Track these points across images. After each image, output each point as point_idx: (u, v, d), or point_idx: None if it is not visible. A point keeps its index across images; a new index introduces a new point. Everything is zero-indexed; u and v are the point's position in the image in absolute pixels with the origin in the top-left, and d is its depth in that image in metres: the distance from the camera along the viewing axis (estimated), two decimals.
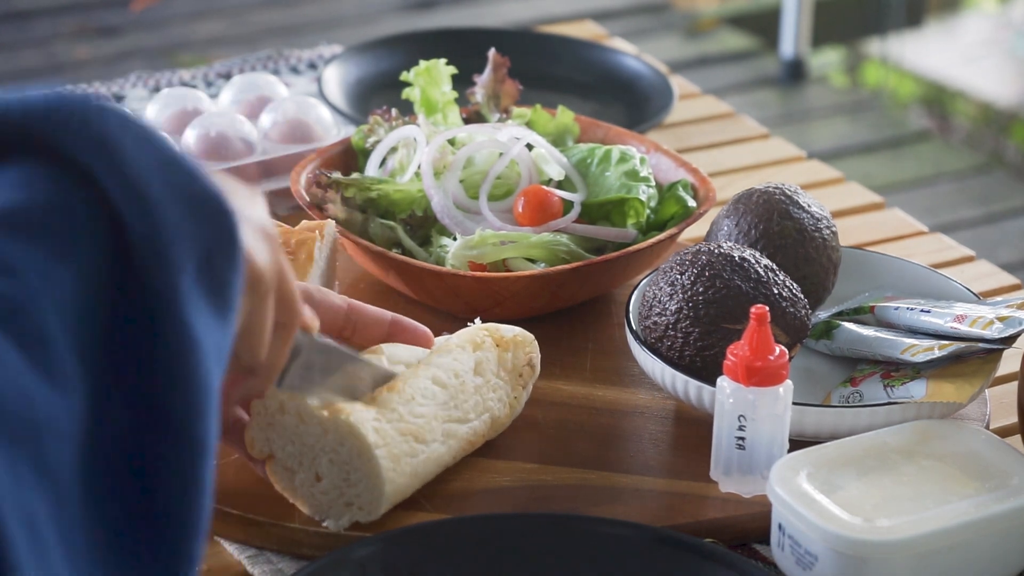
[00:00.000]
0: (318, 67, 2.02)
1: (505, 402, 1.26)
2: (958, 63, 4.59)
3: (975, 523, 1.12)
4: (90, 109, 0.81)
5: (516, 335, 1.27)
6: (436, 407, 1.19)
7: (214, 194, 0.84)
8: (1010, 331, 1.26)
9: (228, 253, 0.85)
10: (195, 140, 1.62)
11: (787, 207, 1.37)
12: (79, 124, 0.81)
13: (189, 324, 0.81)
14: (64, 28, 4.44)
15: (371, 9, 4.67)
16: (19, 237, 0.78)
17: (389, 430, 1.14)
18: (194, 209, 0.83)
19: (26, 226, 0.78)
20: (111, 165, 0.80)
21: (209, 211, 0.84)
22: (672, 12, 4.77)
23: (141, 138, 0.82)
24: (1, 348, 0.74)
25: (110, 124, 0.82)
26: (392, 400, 1.16)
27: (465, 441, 1.22)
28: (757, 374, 1.16)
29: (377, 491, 1.14)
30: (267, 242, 0.93)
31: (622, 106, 1.91)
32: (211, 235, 0.84)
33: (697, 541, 1.13)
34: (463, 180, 1.50)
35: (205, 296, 0.83)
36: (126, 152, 0.81)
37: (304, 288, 1.18)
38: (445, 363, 1.20)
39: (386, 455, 1.14)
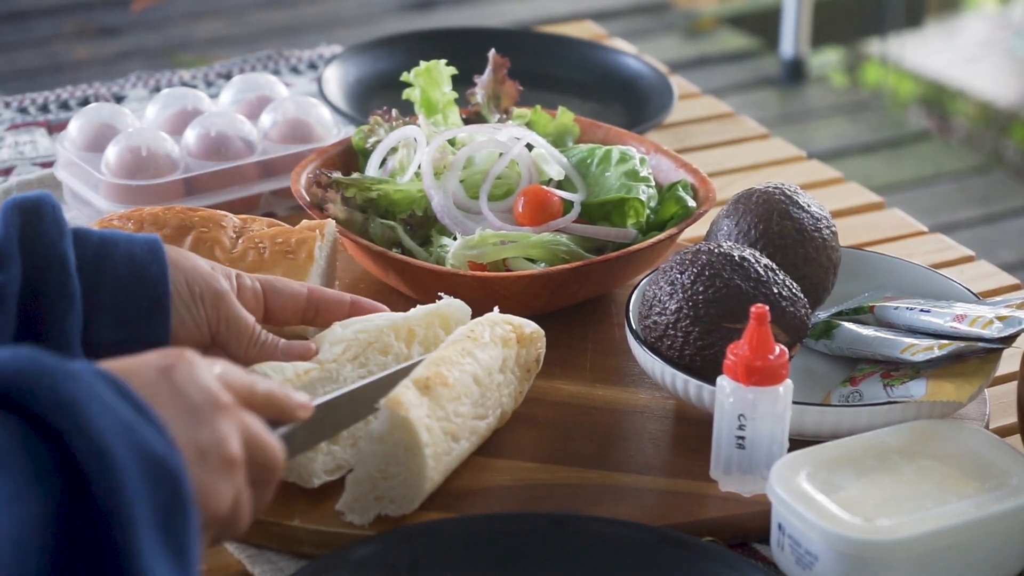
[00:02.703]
0: (318, 67, 2.02)
1: (513, 396, 1.28)
2: (958, 63, 4.59)
3: (975, 523, 1.12)
4: (58, 374, 0.88)
5: (533, 331, 1.28)
6: (471, 406, 1.21)
7: (170, 459, 0.90)
8: (1010, 331, 1.26)
9: (183, 516, 0.90)
10: (195, 140, 1.62)
11: (787, 207, 1.37)
12: (48, 388, 0.87)
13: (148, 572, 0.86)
14: (64, 28, 4.44)
15: (371, 9, 4.67)
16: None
17: (436, 428, 1.16)
18: (152, 472, 0.89)
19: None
20: (77, 427, 0.87)
21: (165, 475, 0.89)
22: (672, 12, 4.77)
23: (105, 403, 0.89)
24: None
25: (78, 389, 0.88)
26: (443, 396, 1.17)
27: (481, 436, 1.24)
28: (757, 373, 1.16)
29: (417, 488, 1.16)
30: (226, 472, 0.96)
31: (622, 106, 1.91)
32: (167, 497, 0.89)
33: (697, 541, 1.13)
34: (463, 180, 1.50)
35: (164, 552, 0.88)
36: (92, 416, 0.87)
37: (264, 279, 1.26)
38: (483, 358, 1.22)
39: (432, 454, 1.16)
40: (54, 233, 1.16)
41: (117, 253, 1.18)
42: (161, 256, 1.19)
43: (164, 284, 1.18)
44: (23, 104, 1.91)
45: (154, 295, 1.18)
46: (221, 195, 1.60)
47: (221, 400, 0.97)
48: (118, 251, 1.19)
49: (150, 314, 1.18)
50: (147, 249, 1.19)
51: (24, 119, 1.87)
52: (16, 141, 1.81)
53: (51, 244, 1.15)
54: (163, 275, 1.18)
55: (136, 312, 1.18)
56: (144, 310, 1.18)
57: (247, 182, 1.62)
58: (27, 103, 1.91)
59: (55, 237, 1.16)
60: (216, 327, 1.21)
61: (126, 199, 1.56)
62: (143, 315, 1.18)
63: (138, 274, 1.18)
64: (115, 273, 1.18)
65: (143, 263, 1.19)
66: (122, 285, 1.17)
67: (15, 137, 1.82)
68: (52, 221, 1.16)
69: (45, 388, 0.87)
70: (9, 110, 1.90)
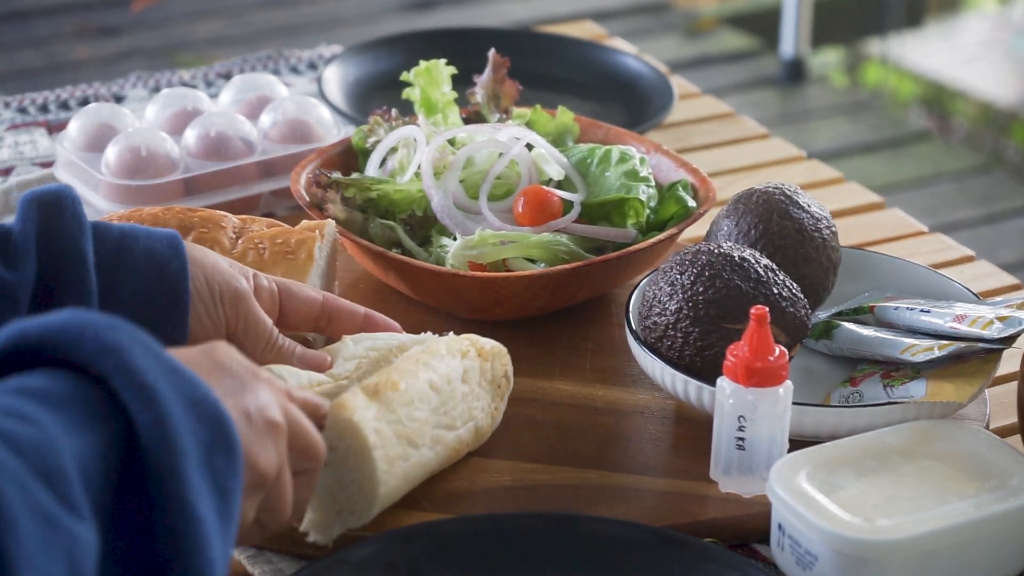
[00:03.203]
0: (318, 67, 2.02)
1: (487, 412, 1.25)
2: (958, 63, 4.59)
3: (975, 523, 1.12)
4: (101, 324, 0.90)
5: (493, 347, 1.26)
6: (429, 412, 1.18)
7: (213, 401, 0.92)
8: (1010, 331, 1.26)
9: (228, 458, 0.91)
10: (195, 140, 1.62)
11: (787, 207, 1.37)
12: (91, 337, 0.89)
13: (192, 503, 0.87)
14: (64, 28, 4.44)
15: (371, 9, 4.67)
16: (40, 404, 0.86)
17: (387, 432, 1.14)
18: (197, 411, 0.90)
19: (45, 399, 0.86)
20: (120, 367, 0.88)
21: (210, 416, 0.91)
22: (672, 12, 4.77)
23: (149, 349, 0.91)
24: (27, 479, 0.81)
25: (120, 335, 0.90)
26: (393, 400, 1.15)
27: (451, 449, 1.21)
28: (757, 375, 1.16)
29: (371, 493, 1.14)
30: (269, 435, 0.98)
31: (622, 106, 1.91)
32: (211, 438, 0.90)
33: (697, 541, 1.13)
34: (463, 180, 1.50)
35: (208, 490, 0.89)
36: (135, 357, 0.89)
37: (281, 282, 1.25)
38: (440, 368, 1.20)
39: (383, 457, 1.13)
40: (73, 229, 1.14)
41: (137, 249, 1.17)
42: (181, 252, 1.17)
43: (184, 282, 1.16)
44: (23, 104, 1.91)
45: (173, 293, 1.16)
46: (221, 195, 1.60)
47: (261, 373, 1.00)
48: (138, 247, 1.17)
49: (168, 311, 1.16)
50: (167, 245, 1.18)
51: (24, 119, 1.87)
52: (16, 141, 1.81)
53: (70, 240, 1.14)
54: (183, 272, 1.17)
55: (154, 310, 1.16)
56: (162, 308, 1.16)
57: (247, 182, 1.62)
58: (27, 103, 1.91)
59: (74, 233, 1.14)
60: (234, 327, 1.20)
61: (126, 199, 1.56)
62: (161, 312, 1.16)
63: (157, 270, 1.16)
64: (134, 269, 1.16)
65: (163, 259, 1.17)
66: (141, 282, 1.16)
67: (15, 137, 1.82)
68: (72, 216, 1.14)
69: (88, 338, 0.89)
70: (9, 110, 1.90)
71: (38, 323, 0.90)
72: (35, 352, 0.89)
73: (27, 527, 0.79)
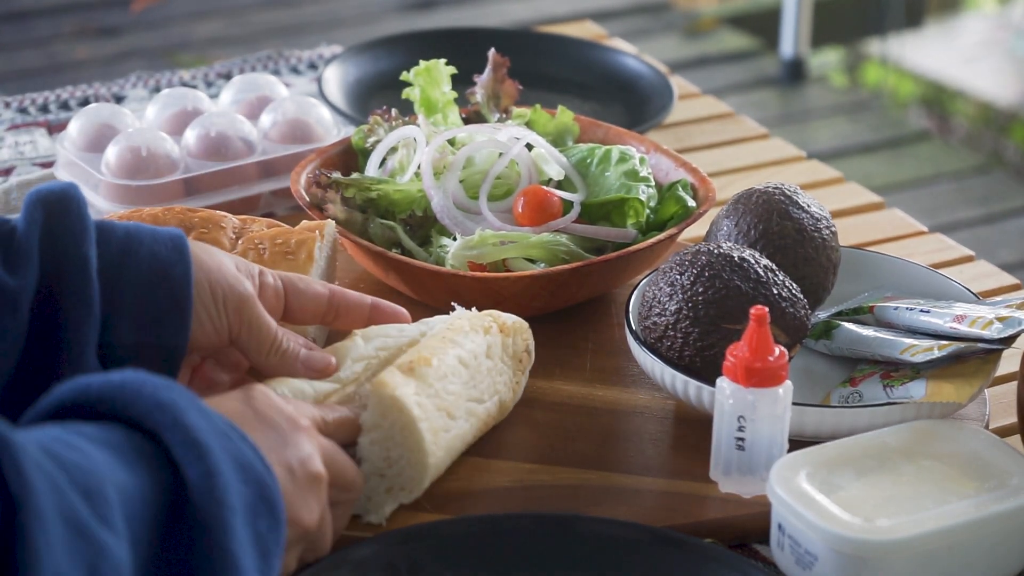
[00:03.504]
0: (318, 67, 2.02)
1: (509, 386, 1.28)
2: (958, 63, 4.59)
3: (975, 523, 1.12)
4: (160, 384, 0.94)
5: (515, 322, 1.29)
6: (461, 386, 1.21)
7: (260, 469, 0.95)
8: (1009, 331, 1.26)
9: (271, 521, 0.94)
10: (195, 140, 1.62)
11: (787, 207, 1.37)
12: (149, 394, 0.93)
13: (237, 556, 0.90)
14: (64, 28, 4.44)
15: (371, 9, 4.67)
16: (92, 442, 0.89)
17: (428, 404, 1.17)
18: (244, 475, 0.94)
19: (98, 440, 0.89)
20: (174, 423, 0.92)
21: (255, 480, 0.94)
22: (672, 12, 4.77)
23: (203, 411, 0.94)
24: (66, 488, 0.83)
25: (176, 395, 0.94)
26: (428, 375, 1.18)
27: (481, 421, 1.24)
28: (757, 375, 1.16)
29: (421, 465, 1.16)
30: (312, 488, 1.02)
31: (622, 106, 1.91)
32: (256, 501, 0.93)
33: (697, 541, 1.13)
34: (463, 180, 1.50)
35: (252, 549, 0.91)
36: (189, 415, 0.92)
37: (287, 278, 1.24)
38: (466, 344, 1.23)
39: (428, 428, 1.16)
40: (77, 232, 1.12)
41: (141, 252, 1.15)
42: (185, 256, 1.16)
43: (187, 287, 1.15)
44: (23, 104, 1.91)
45: (176, 298, 1.15)
46: (221, 195, 1.60)
47: (301, 423, 1.02)
48: (142, 250, 1.15)
49: (170, 316, 1.15)
50: (172, 247, 1.16)
51: (24, 119, 1.87)
52: (16, 141, 1.81)
53: (73, 245, 1.12)
54: (187, 277, 1.15)
55: (156, 314, 1.14)
56: (164, 312, 1.15)
57: (247, 182, 1.62)
58: (27, 103, 1.91)
59: (78, 237, 1.12)
60: (237, 332, 1.18)
61: (126, 199, 1.56)
62: (163, 317, 1.15)
63: (161, 274, 1.15)
64: (137, 272, 1.14)
65: (167, 263, 1.15)
66: (144, 287, 1.14)
67: (15, 137, 1.82)
68: (77, 218, 1.13)
69: (147, 395, 0.92)
70: (9, 110, 1.90)
71: (99, 379, 0.93)
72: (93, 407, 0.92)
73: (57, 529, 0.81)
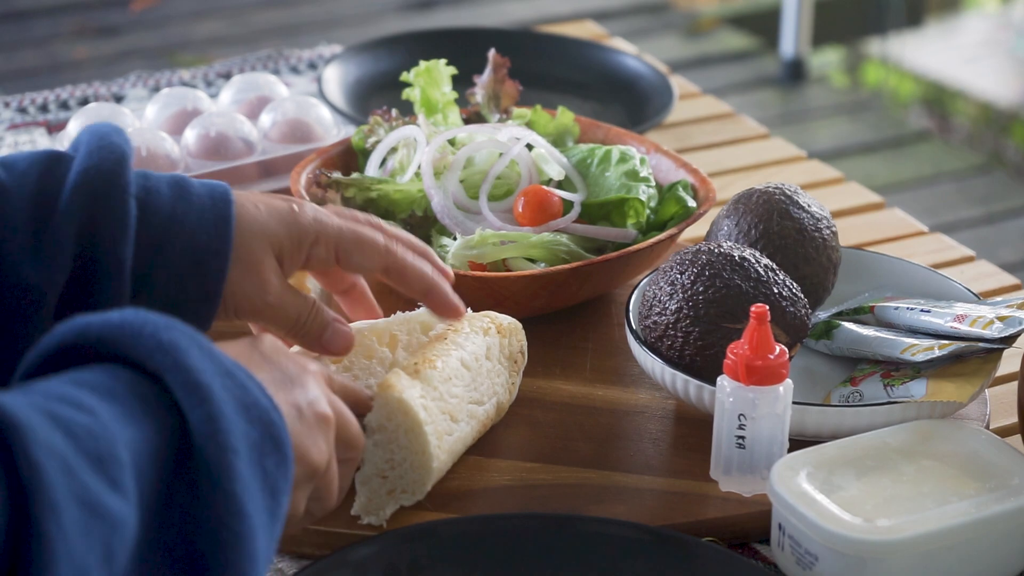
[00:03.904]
0: (318, 67, 2.02)
1: (506, 387, 1.28)
2: (958, 63, 4.59)
3: (975, 523, 1.11)
4: (160, 323, 0.91)
5: (511, 323, 1.29)
6: (463, 388, 1.21)
7: (265, 406, 0.93)
8: (1010, 331, 1.26)
9: (278, 458, 0.93)
10: (195, 140, 1.62)
11: (787, 207, 1.37)
12: (150, 334, 0.90)
13: (240, 498, 0.88)
14: (64, 28, 4.44)
15: (371, 9, 4.67)
16: (96, 395, 0.87)
17: (433, 408, 1.17)
18: (248, 415, 0.92)
19: (101, 390, 0.87)
20: (176, 364, 0.89)
21: (260, 419, 0.92)
22: (672, 12, 4.77)
23: (204, 349, 0.92)
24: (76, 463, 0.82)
25: (177, 335, 0.91)
26: (433, 378, 1.18)
27: (480, 423, 1.24)
28: (757, 373, 1.16)
29: (425, 468, 1.16)
30: (320, 428, 1.00)
31: (622, 106, 1.91)
32: (262, 440, 0.92)
33: (697, 541, 1.13)
34: (463, 180, 1.50)
35: (259, 488, 0.90)
36: (191, 356, 0.90)
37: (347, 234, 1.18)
38: (467, 346, 1.23)
39: (433, 432, 1.16)
40: (117, 231, 1.09)
41: (180, 241, 1.12)
42: (225, 248, 1.13)
43: (219, 284, 1.13)
44: (23, 104, 1.91)
45: (206, 292, 1.13)
46: None
47: (309, 366, 1.02)
48: (182, 237, 1.12)
49: (197, 305, 1.13)
50: (214, 235, 1.13)
51: (24, 119, 1.87)
52: (16, 141, 1.81)
53: (111, 243, 1.09)
54: (220, 273, 1.13)
55: (183, 301, 1.13)
56: (192, 301, 1.13)
57: (247, 182, 1.62)
58: (27, 103, 1.91)
59: (116, 236, 1.09)
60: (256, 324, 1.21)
61: None
62: (190, 305, 1.13)
63: (196, 267, 1.12)
64: (172, 265, 1.12)
65: (204, 253, 1.12)
66: (177, 278, 1.12)
67: (15, 137, 1.82)
68: (118, 213, 1.09)
69: (147, 335, 0.90)
70: (9, 110, 1.90)
71: (99, 320, 0.90)
72: (93, 347, 0.90)
73: (70, 513, 0.80)
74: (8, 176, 1.10)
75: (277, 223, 1.16)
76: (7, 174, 1.10)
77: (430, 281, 1.21)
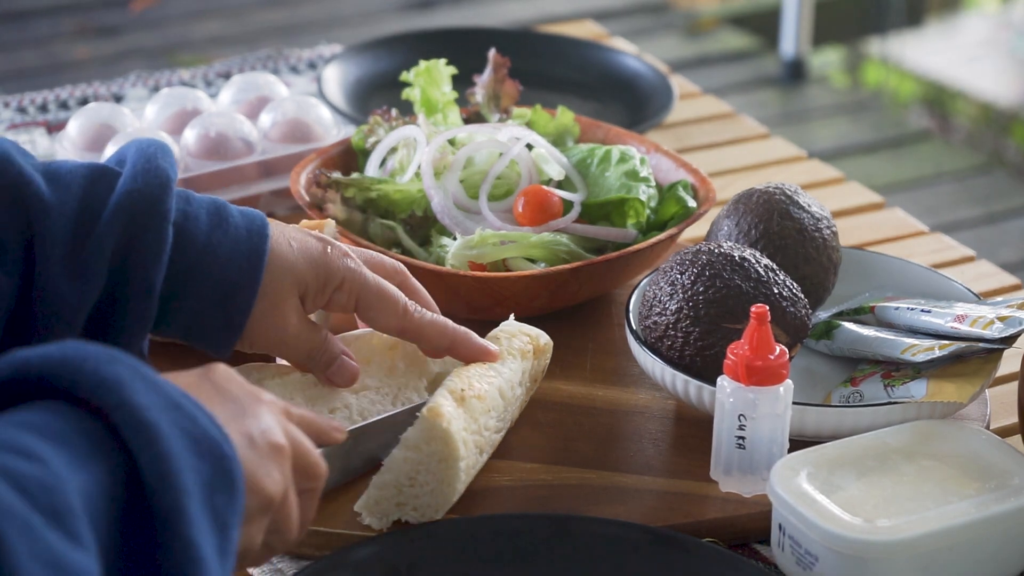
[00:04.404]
0: (318, 67, 2.01)
1: (520, 408, 1.28)
2: (958, 63, 4.59)
3: (975, 523, 1.11)
4: (102, 357, 0.88)
5: (546, 343, 1.28)
6: (496, 420, 1.21)
7: (215, 438, 0.90)
8: (1010, 331, 1.26)
9: (229, 494, 0.90)
10: (195, 140, 1.62)
11: (787, 207, 1.37)
12: (91, 370, 0.87)
13: (195, 542, 0.86)
14: (64, 28, 4.44)
15: (371, 9, 4.67)
16: (44, 439, 0.85)
17: (470, 442, 1.16)
18: (198, 449, 0.89)
19: (49, 434, 0.85)
20: (120, 403, 0.87)
21: (210, 452, 0.89)
22: (672, 12, 4.77)
23: (149, 383, 0.89)
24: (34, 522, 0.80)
25: (121, 370, 0.88)
26: (476, 409, 1.17)
27: (493, 449, 1.24)
28: (757, 373, 1.16)
29: (444, 499, 1.15)
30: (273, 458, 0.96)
31: (622, 106, 1.91)
32: (212, 474, 0.89)
33: (697, 541, 1.13)
34: (463, 180, 1.50)
35: (210, 528, 0.88)
36: (135, 392, 0.87)
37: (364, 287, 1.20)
38: (505, 372, 1.22)
39: (464, 467, 1.16)
40: (151, 257, 1.11)
41: (212, 272, 1.15)
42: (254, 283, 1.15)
43: (243, 319, 1.16)
44: (22, 104, 1.91)
45: (230, 323, 1.16)
46: (221, 195, 1.60)
47: (263, 396, 0.98)
48: (213, 271, 1.15)
49: (219, 334, 1.16)
50: (246, 268, 1.15)
51: (24, 119, 1.87)
52: (16, 141, 1.81)
53: (143, 269, 1.11)
54: (247, 308, 1.16)
55: (207, 328, 1.16)
56: (215, 330, 1.16)
57: (247, 182, 1.62)
58: (26, 103, 1.91)
59: (150, 262, 1.11)
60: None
61: None
62: (212, 333, 1.16)
63: (223, 300, 1.15)
64: (200, 295, 1.15)
65: (233, 288, 1.15)
66: (202, 309, 1.15)
67: (15, 137, 1.82)
68: (155, 240, 1.11)
69: (89, 371, 0.87)
70: (9, 110, 1.90)
71: (38, 354, 0.88)
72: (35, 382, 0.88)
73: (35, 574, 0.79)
74: (53, 191, 1.11)
75: (306, 263, 1.18)
76: (51, 188, 1.11)
77: (452, 335, 1.23)
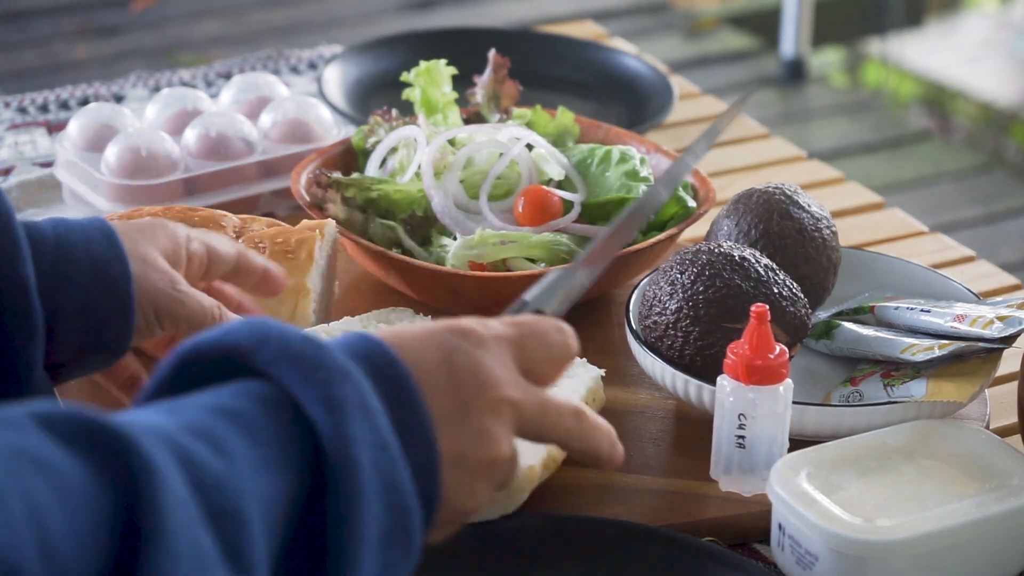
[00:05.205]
0: (318, 67, 2.02)
1: None
2: (958, 63, 4.59)
3: (975, 523, 1.11)
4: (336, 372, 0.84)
5: (601, 388, 1.28)
6: None
7: (408, 491, 0.85)
8: (1010, 330, 1.26)
9: (403, 551, 0.86)
10: (195, 140, 1.62)
11: (787, 207, 1.37)
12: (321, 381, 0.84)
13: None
14: (64, 28, 4.44)
15: (371, 9, 4.67)
16: (241, 432, 0.81)
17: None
18: (388, 499, 0.84)
19: (248, 427, 0.82)
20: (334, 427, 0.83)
21: (399, 505, 0.85)
22: (672, 12, 4.77)
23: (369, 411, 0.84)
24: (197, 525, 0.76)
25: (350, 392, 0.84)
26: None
27: None
28: (757, 372, 1.16)
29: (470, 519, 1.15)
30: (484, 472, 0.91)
31: (622, 106, 1.91)
32: (395, 529, 0.85)
33: (697, 541, 1.13)
34: (463, 180, 1.50)
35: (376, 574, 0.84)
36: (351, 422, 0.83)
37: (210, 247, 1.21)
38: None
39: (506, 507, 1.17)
40: (11, 252, 1.08)
41: (76, 254, 1.12)
42: (120, 253, 1.13)
43: (127, 285, 1.12)
44: (23, 104, 1.91)
45: (119, 299, 1.12)
46: (221, 195, 1.60)
47: (498, 393, 0.90)
48: (77, 251, 1.12)
49: (113, 319, 1.12)
50: (106, 245, 1.13)
51: (24, 119, 1.87)
52: (16, 141, 1.81)
53: (9, 266, 1.08)
54: (126, 275, 1.13)
55: (99, 318, 1.12)
56: (107, 315, 1.12)
57: (247, 182, 1.62)
58: (27, 103, 1.91)
59: (12, 257, 1.08)
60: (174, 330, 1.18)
61: (126, 199, 1.56)
62: (106, 320, 1.12)
63: (101, 276, 1.12)
64: (77, 278, 1.11)
65: (104, 262, 1.12)
66: (84, 292, 1.11)
67: (15, 137, 1.82)
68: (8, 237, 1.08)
69: (319, 381, 0.83)
70: (9, 110, 1.90)
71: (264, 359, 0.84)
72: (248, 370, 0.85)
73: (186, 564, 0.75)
74: None
75: (149, 228, 1.18)
76: None
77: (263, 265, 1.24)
